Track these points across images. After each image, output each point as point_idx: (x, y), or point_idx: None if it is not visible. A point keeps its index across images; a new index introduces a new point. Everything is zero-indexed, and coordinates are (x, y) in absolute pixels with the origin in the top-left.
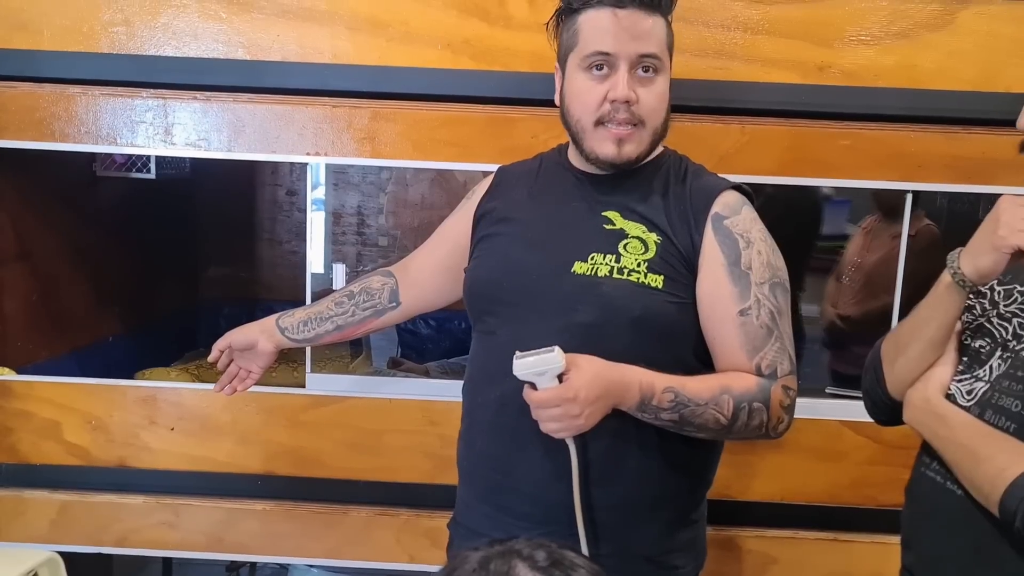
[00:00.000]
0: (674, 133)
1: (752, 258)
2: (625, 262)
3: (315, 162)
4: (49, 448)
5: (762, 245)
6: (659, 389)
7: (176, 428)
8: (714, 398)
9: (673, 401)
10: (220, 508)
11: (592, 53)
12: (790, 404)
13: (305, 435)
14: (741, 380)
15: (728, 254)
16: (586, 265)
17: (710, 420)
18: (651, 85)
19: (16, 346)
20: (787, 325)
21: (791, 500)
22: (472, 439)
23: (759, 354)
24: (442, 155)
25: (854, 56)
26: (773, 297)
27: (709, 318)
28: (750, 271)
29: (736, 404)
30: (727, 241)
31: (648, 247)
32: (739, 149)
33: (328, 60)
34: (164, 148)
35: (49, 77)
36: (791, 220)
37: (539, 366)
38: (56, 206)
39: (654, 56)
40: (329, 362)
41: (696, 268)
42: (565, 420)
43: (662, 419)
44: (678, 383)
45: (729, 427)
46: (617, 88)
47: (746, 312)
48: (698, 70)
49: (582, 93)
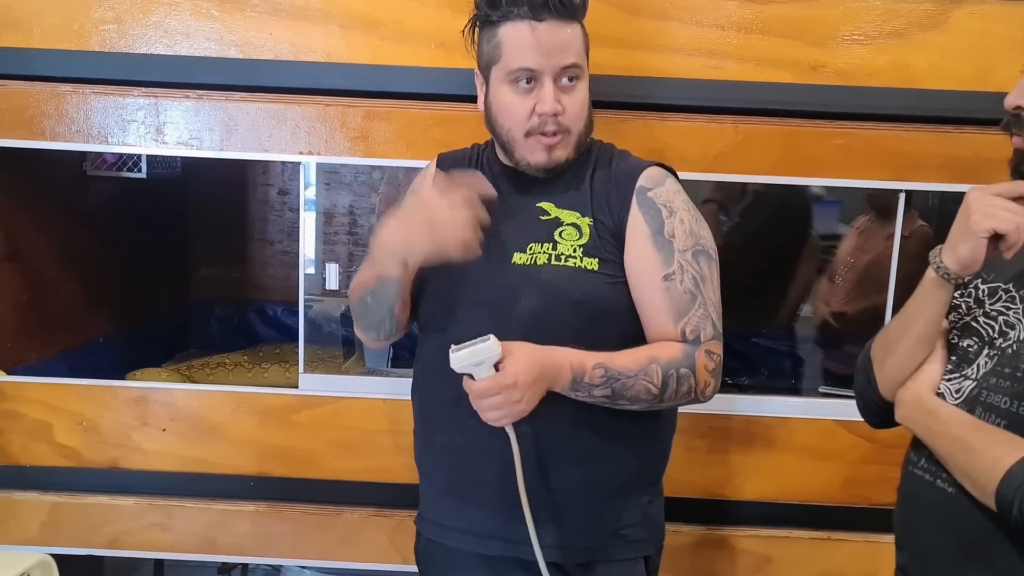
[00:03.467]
0: (668, 132)
1: (675, 226)
2: (562, 249)
3: (308, 161)
4: (40, 449)
5: (684, 214)
6: (589, 366)
7: (168, 429)
8: (642, 369)
9: (604, 376)
10: (212, 509)
11: (516, 69)
12: (715, 368)
13: (298, 436)
14: (667, 349)
15: (651, 223)
16: (525, 255)
17: (641, 391)
18: (574, 93)
19: (6, 347)
20: (712, 292)
21: (785, 499)
22: (430, 436)
23: (683, 319)
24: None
25: (847, 55)
26: (696, 263)
27: (636, 287)
28: (673, 239)
29: (664, 372)
30: (651, 211)
31: (582, 232)
32: (733, 149)
33: (321, 59)
34: (155, 147)
35: (39, 75)
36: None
37: (476, 356)
38: (46, 206)
39: (575, 66)
40: (321, 362)
41: (623, 241)
42: (506, 407)
43: (595, 395)
44: (606, 359)
45: (660, 395)
46: (544, 102)
47: (669, 277)
48: (691, 69)
49: (510, 107)
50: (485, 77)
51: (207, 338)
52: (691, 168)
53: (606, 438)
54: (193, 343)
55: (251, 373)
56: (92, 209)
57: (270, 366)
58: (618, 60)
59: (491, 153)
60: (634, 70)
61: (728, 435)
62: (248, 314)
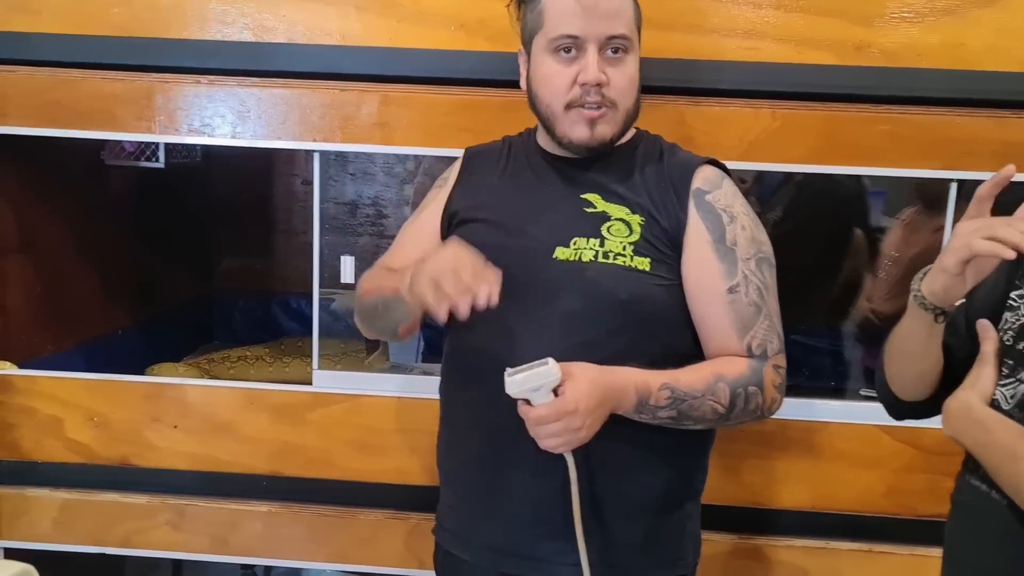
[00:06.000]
0: (700, 118)
1: (737, 233)
2: (610, 245)
3: (322, 149)
4: (51, 445)
5: (745, 219)
6: (655, 387)
7: (180, 426)
8: (709, 388)
9: (670, 398)
10: (225, 509)
11: (559, 36)
12: (782, 383)
13: (312, 434)
14: (733, 365)
15: (713, 230)
16: (569, 251)
17: (708, 411)
18: (621, 66)
19: (19, 339)
20: (774, 301)
21: (823, 508)
22: (454, 440)
23: (749, 333)
24: (455, 141)
25: (895, 35)
26: (760, 273)
27: (697, 297)
28: (736, 247)
29: (732, 391)
30: (711, 217)
31: (632, 229)
32: (770, 135)
33: (336, 42)
34: (165, 134)
35: (48, 60)
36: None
37: (534, 381)
38: (63, 196)
39: (623, 37)
40: (344, 357)
41: (681, 247)
42: (566, 434)
43: (660, 417)
44: (672, 378)
45: (727, 415)
46: (587, 71)
47: (734, 289)
48: (726, 51)
49: (551, 77)
50: (528, 51)
51: (231, 330)
52: (725, 156)
53: (643, 452)
54: (217, 335)
55: (272, 367)
56: (111, 199)
57: (291, 360)
58: (647, 41)
59: (530, 141)
60: (664, 52)
61: (764, 440)
62: (272, 307)
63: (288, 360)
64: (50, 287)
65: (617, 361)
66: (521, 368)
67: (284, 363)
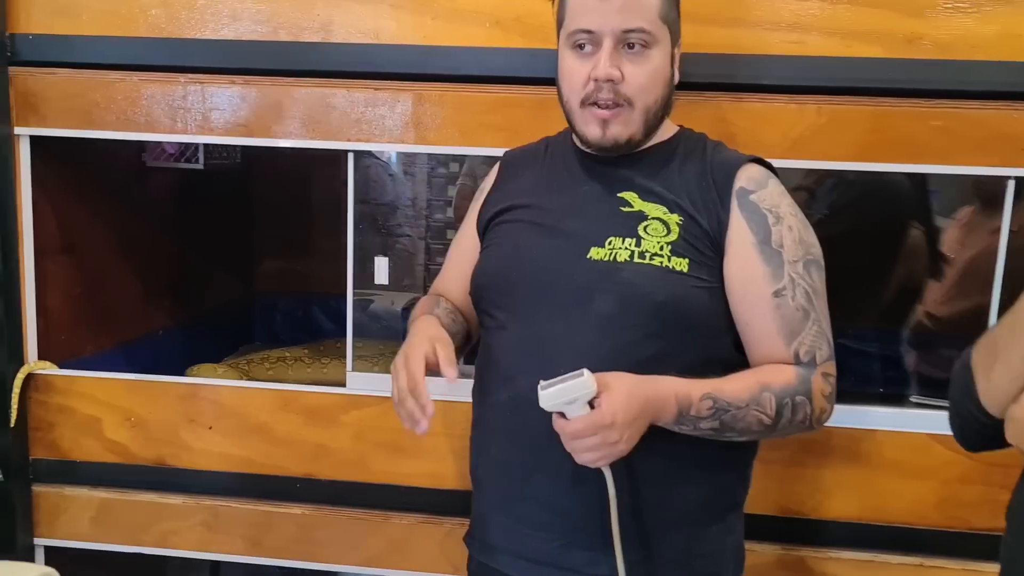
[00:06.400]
0: (742, 114)
1: (783, 234)
2: (647, 245)
3: (355, 149)
4: (89, 444)
5: (793, 220)
6: (696, 397)
7: (215, 427)
8: (754, 398)
9: (712, 408)
10: (258, 510)
11: (575, 30)
12: (832, 392)
13: (345, 437)
14: (779, 373)
15: (757, 231)
16: (604, 250)
17: (753, 422)
18: (640, 61)
19: (60, 340)
20: (824, 306)
21: (871, 520)
22: (484, 445)
23: (797, 339)
24: (490, 140)
25: (948, 26)
26: (808, 276)
27: (740, 302)
28: (782, 249)
29: (778, 401)
30: (755, 217)
31: (670, 229)
32: (815, 132)
33: (370, 40)
34: (202, 135)
35: (87, 63)
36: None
37: (569, 394)
38: (105, 197)
39: (641, 31)
40: (382, 358)
41: (723, 249)
42: (603, 448)
43: (701, 428)
44: (714, 387)
45: (773, 426)
46: (598, 67)
47: (780, 293)
48: (769, 45)
49: (568, 72)
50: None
51: (271, 331)
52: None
53: (681, 463)
54: (258, 336)
55: (310, 368)
56: (153, 201)
57: (330, 361)
58: (686, 36)
59: (567, 140)
60: (704, 47)
61: (809, 447)
62: (312, 307)
63: (327, 361)
64: (91, 288)
65: (654, 366)
66: (555, 380)
67: (322, 364)
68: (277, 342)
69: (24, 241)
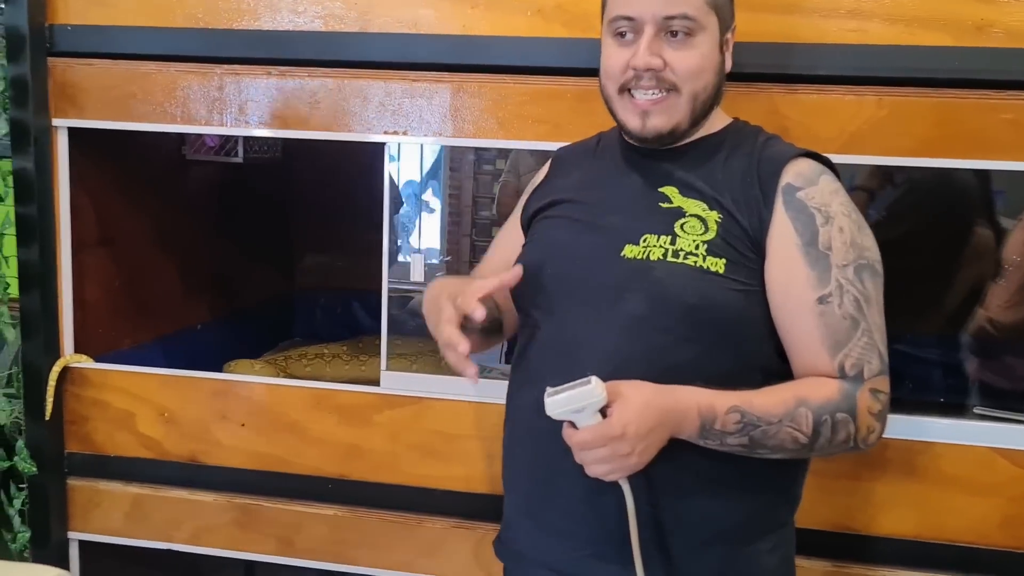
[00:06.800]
0: (796, 107)
1: (832, 236)
2: (681, 244)
3: (392, 141)
4: (123, 439)
5: (844, 221)
6: (722, 410)
7: (247, 424)
8: (788, 413)
9: (740, 422)
10: (290, 510)
11: (616, 17)
12: (881, 410)
13: (378, 437)
14: (820, 388)
15: (803, 232)
16: (637, 248)
17: (786, 440)
18: (685, 48)
19: (97, 333)
20: (877, 315)
21: (928, 537)
22: (512, 448)
23: (842, 350)
24: (530, 133)
25: (1021, 12)
26: (859, 282)
27: (781, 307)
28: (829, 251)
29: (816, 418)
30: (801, 216)
31: (708, 226)
32: (875, 125)
33: (408, 30)
34: (237, 127)
35: (124, 53)
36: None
37: (575, 402)
38: (144, 190)
39: (684, 17)
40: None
41: (764, 249)
42: (614, 461)
43: (729, 444)
44: (743, 400)
45: (810, 445)
46: (636, 55)
47: (825, 300)
48: (826, 33)
49: (609, 59)
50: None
51: (311, 327)
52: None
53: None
54: (298, 332)
55: (348, 365)
56: (192, 194)
57: (368, 359)
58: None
59: (615, 132)
60: (756, 35)
61: (862, 458)
62: (352, 304)
63: (365, 359)
64: (130, 281)
65: (687, 373)
66: (562, 387)
67: (361, 362)
68: (317, 338)
69: (62, 233)
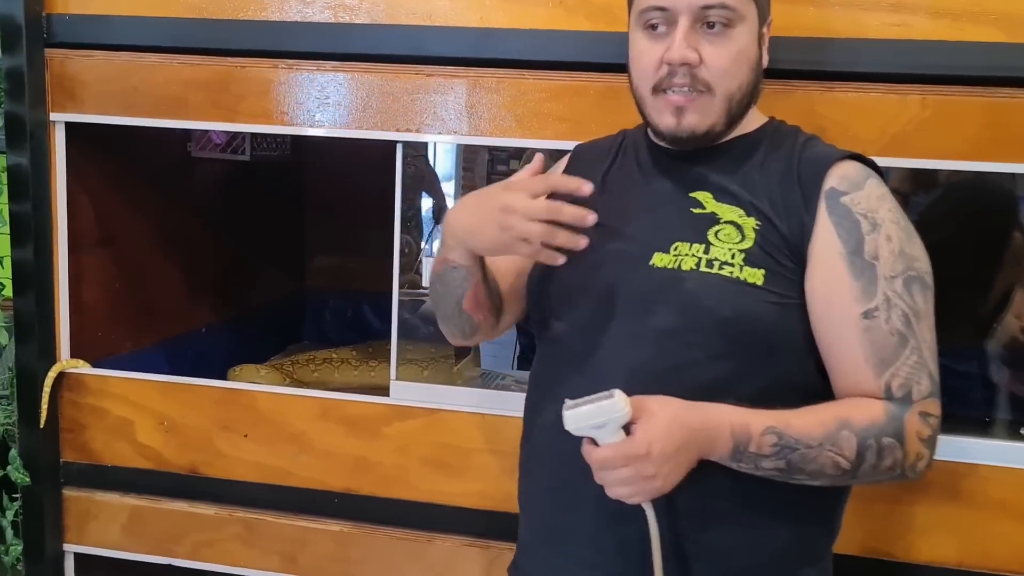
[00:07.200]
0: (834, 106)
1: (879, 244)
2: (716, 253)
3: (404, 139)
4: (121, 448)
5: (893, 228)
6: (757, 431)
7: (250, 435)
8: (829, 436)
9: (776, 444)
10: (294, 525)
11: (646, 8)
12: (931, 435)
13: (388, 450)
14: (864, 409)
15: (847, 240)
16: (668, 257)
17: (827, 465)
18: (721, 42)
19: (95, 337)
20: (927, 332)
21: (971, 566)
22: (530, 467)
23: (889, 369)
24: (551, 132)
25: None
26: (908, 295)
27: (823, 321)
28: (876, 261)
29: (860, 442)
30: (846, 223)
31: (745, 234)
32: (919, 126)
33: (422, 22)
34: (243, 123)
35: (126, 44)
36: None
37: (596, 417)
38: (148, 188)
39: (723, 6)
40: (432, 363)
41: (805, 259)
42: (637, 483)
43: (764, 468)
44: (780, 421)
45: (853, 471)
46: (672, 48)
47: (871, 314)
48: (868, 27)
49: (638, 56)
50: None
51: (320, 330)
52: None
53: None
54: (307, 335)
55: (357, 371)
56: (197, 193)
57: (378, 364)
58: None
59: (640, 131)
60: (792, 29)
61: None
62: (363, 306)
63: (374, 364)
64: (131, 283)
65: (719, 391)
66: (582, 400)
67: (370, 367)
68: (326, 341)
69: (59, 233)
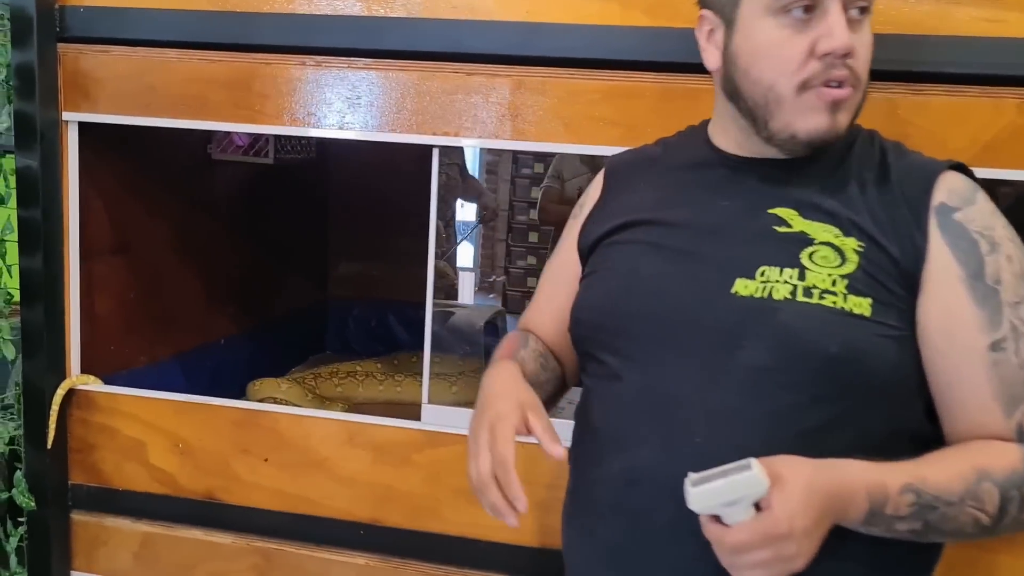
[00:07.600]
0: (920, 110)
1: (1000, 267)
2: (813, 279)
3: (441, 144)
4: (133, 471)
5: (1011, 247)
6: (894, 489)
7: (271, 459)
8: (970, 490)
9: (915, 504)
10: (316, 558)
11: None
12: None
13: (418, 479)
14: (999, 455)
15: (966, 262)
16: (754, 284)
17: (967, 523)
18: (864, 30)
19: (107, 350)
20: None
21: None
22: (587, 525)
23: (1020, 407)
24: (602, 137)
25: None
26: None
27: (943, 356)
28: (999, 286)
29: (1003, 494)
30: (962, 243)
31: (845, 256)
32: (1014, 133)
33: (463, 16)
34: (268, 124)
35: (144, 39)
36: None
37: (731, 494)
38: (164, 192)
39: None
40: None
41: (918, 284)
42: (776, 565)
43: (897, 530)
44: (916, 476)
45: (993, 527)
46: (834, 35)
47: (999, 346)
48: (957, 24)
49: (776, 47)
50: (726, 16)
51: (343, 340)
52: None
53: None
54: (330, 345)
55: (383, 385)
56: (217, 197)
57: (404, 378)
58: None
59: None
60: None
61: None
62: (388, 316)
63: (400, 378)
64: (147, 292)
65: (821, 440)
66: (711, 473)
67: (396, 381)
68: (349, 351)
69: (70, 240)
